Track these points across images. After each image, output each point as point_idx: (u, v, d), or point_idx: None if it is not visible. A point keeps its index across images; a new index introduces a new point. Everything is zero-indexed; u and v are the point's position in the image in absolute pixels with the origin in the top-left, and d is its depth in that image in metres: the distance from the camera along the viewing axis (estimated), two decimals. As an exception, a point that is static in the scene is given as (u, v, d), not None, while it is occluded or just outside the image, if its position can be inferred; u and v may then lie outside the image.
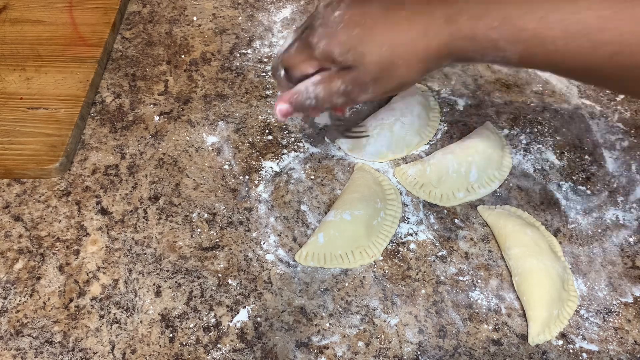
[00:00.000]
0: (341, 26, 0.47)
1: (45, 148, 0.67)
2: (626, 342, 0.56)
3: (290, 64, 0.51)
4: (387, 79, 0.48)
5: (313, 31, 0.49)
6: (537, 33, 0.43)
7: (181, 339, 0.56)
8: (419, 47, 0.47)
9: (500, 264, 0.61)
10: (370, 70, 0.48)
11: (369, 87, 0.49)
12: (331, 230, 0.61)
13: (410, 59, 0.47)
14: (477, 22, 0.45)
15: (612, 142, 0.70)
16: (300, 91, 0.51)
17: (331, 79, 0.49)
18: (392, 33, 0.46)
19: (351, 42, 0.47)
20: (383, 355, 0.55)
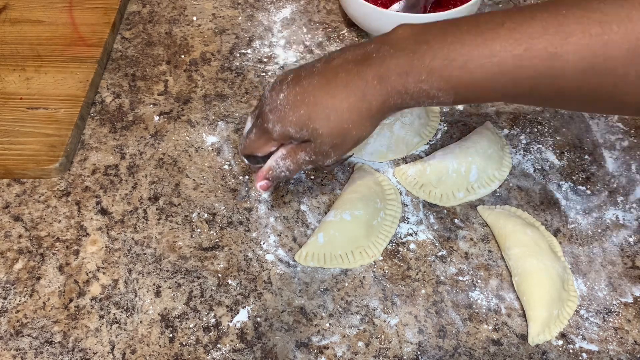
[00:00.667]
0: (288, 108, 0.51)
1: (45, 148, 0.67)
2: (626, 342, 0.56)
3: (253, 149, 0.56)
4: (343, 142, 0.53)
5: (265, 117, 0.53)
6: (462, 80, 0.47)
7: (181, 339, 0.56)
8: (362, 110, 0.50)
9: (500, 264, 0.61)
10: (326, 140, 0.52)
11: (330, 153, 0.53)
12: (331, 230, 0.61)
13: (357, 120, 0.51)
14: (406, 77, 0.48)
15: (612, 142, 0.70)
16: (272, 167, 0.56)
17: (295, 152, 0.54)
18: (335, 104, 0.50)
19: (302, 121, 0.51)
20: (383, 355, 0.55)
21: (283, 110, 0.52)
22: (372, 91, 0.49)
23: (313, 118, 0.51)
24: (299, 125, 0.51)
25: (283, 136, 0.53)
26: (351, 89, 0.50)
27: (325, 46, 0.80)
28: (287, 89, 0.52)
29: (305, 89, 0.51)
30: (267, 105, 0.53)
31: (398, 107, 0.51)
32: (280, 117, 0.52)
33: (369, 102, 0.50)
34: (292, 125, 0.52)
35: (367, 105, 0.50)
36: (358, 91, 0.50)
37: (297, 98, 0.51)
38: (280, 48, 0.80)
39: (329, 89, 0.50)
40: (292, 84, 0.52)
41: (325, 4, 0.86)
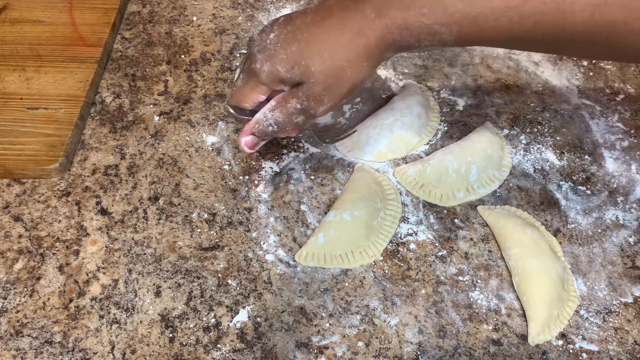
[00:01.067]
0: (278, 46, 0.48)
1: (45, 148, 0.67)
2: (626, 342, 0.56)
3: (240, 96, 0.52)
4: (338, 84, 0.49)
5: (253, 58, 0.49)
6: (467, 13, 0.45)
7: (181, 339, 0.56)
8: (358, 46, 0.47)
9: (500, 264, 0.61)
10: (319, 79, 0.48)
11: (323, 97, 0.50)
12: (331, 230, 0.61)
13: (353, 59, 0.48)
14: (407, 11, 0.45)
15: (612, 142, 0.70)
16: (259, 120, 0.52)
17: (286, 100, 0.50)
18: (329, 39, 0.47)
19: (293, 58, 0.48)
20: (383, 355, 0.55)
21: (272, 48, 0.48)
22: (370, 25, 0.47)
23: (305, 55, 0.47)
24: (289, 63, 0.48)
25: (272, 77, 0.49)
26: (347, 24, 0.47)
27: (325, 46, 0.80)
28: (277, 29, 0.49)
29: (297, 27, 0.48)
30: (256, 47, 0.49)
31: (397, 46, 0.48)
32: (269, 55, 0.48)
33: (367, 37, 0.47)
34: (282, 63, 0.48)
35: (365, 40, 0.47)
36: (355, 26, 0.47)
37: (289, 36, 0.48)
38: (280, 48, 0.80)
39: (323, 25, 0.48)
40: (283, 24, 0.49)
41: (325, 4, 0.86)
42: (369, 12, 0.47)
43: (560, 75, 0.77)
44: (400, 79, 0.77)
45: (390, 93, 0.75)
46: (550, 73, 0.77)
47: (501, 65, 0.78)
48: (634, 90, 0.75)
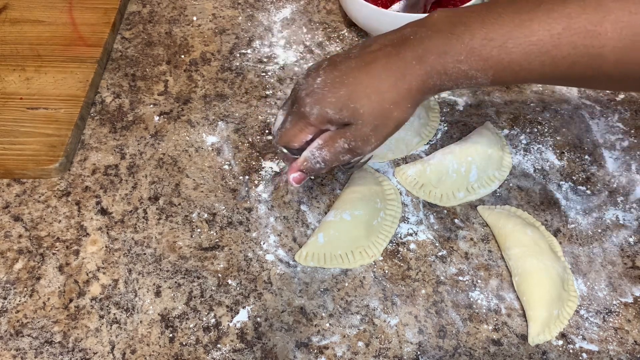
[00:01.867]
0: (326, 90, 0.50)
1: (45, 148, 0.67)
2: (626, 342, 0.56)
3: (290, 137, 0.54)
4: (384, 125, 0.51)
5: (302, 101, 0.51)
6: (501, 59, 0.47)
7: (181, 339, 0.56)
8: (402, 90, 0.50)
9: (500, 264, 0.61)
10: (367, 120, 0.50)
11: (370, 137, 0.51)
12: (331, 230, 0.61)
13: (398, 101, 0.50)
14: (445, 57, 0.48)
15: (612, 142, 0.70)
16: (308, 158, 0.54)
17: (333, 140, 0.52)
18: (375, 83, 0.50)
19: (341, 101, 0.50)
20: (383, 355, 0.55)
21: (321, 92, 0.50)
22: (411, 71, 0.49)
23: (353, 98, 0.50)
24: (338, 106, 0.50)
25: (321, 119, 0.51)
26: (391, 70, 0.50)
27: (325, 46, 0.80)
28: (324, 73, 0.51)
29: (343, 72, 0.50)
30: (303, 90, 0.51)
31: (437, 89, 0.51)
32: (318, 99, 0.50)
33: (409, 82, 0.49)
34: (331, 106, 0.50)
35: (407, 85, 0.50)
36: (398, 72, 0.49)
37: (336, 80, 0.50)
38: (280, 48, 0.80)
39: (369, 71, 0.50)
40: (329, 69, 0.51)
41: (325, 4, 0.86)
42: (410, 59, 0.49)
43: (560, 75, 0.77)
44: (400, 79, 0.77)
45: (390, 93, 0.75)
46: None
47: (501, 65, 0.78)
48: (634, 90, 0.75)
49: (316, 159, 0.53)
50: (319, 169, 0.54)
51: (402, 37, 0.50)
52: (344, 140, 0.52)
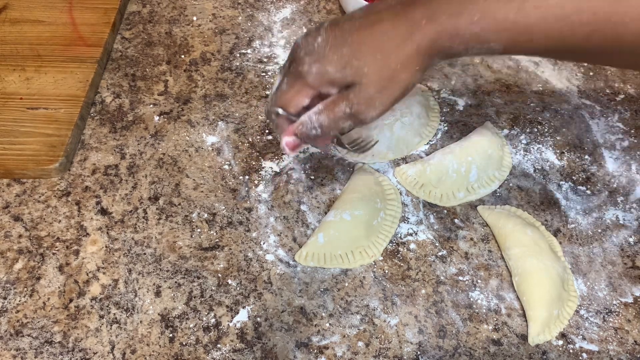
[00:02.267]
0: (328, 49, 0.47)
1: (45, 148, 0.67)
2: (626, 342, 0.56)
3: (285, 100, 0.51)
4: (390, 87, 0.48)
5: (300, 60, 0.49)
6: (517, 22, 0.44)
7: (181, 339, 0.56)
8: (409, 49, 0.47)
9: (500, 264, 0.61)
10: (372, 80, 0.47)
11: (374, 100, 0.48)
12: (331, 230, 0.61)
13: (405, 61, 0.47)
14: (458, 18, 0.45)
15: (612, 142, 0.70)
16: (304, 122, 0.50)
17: (334, 104, 0.49)
18: (381, 42, 0.47)
19: (344, 59, 0.47)
20: (383, 355, 0.55)
21: (322, 51, 0.47)
22: (420, 31, 0.46)
23: (358, 56, 0.47)
24: (340, 64, 0.47)
25: (320, 78, 0.48)
26: (398, 28, 0.47)
27: (325, 46, 0.80)
28: (325, 33, 0.48)
29: (346, 31, 0.47)
30: (302, 49, 0.48)
31: (446, 52, 0.48)
32: (317, 57, 0.47)
33: (418, 42, 0.47)
34: (332, 63, 0.47)
35: (416, 45, 0.47)
36: (405, 31, 0.47)
37: (338, 39, 0.47)
38: (280, 48, 0.80)
39: (374, 29, 0.47)
40: (331, 28, 0.48)
41: (325, 4, 0.86)
42: (420, 18, 0.47)
43: (560, 75, 0.77)
44: (400, 79, 0.77)
45: (390, 93, 0.75)
46: (550, 73, 0.77)
47: (501, 65, 0.78)
48: (634, 90, 0.75)
49: (313, 123, 0.50)
50: (314, 136, 0.51)
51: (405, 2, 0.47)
52: (345, 104, 0.48)
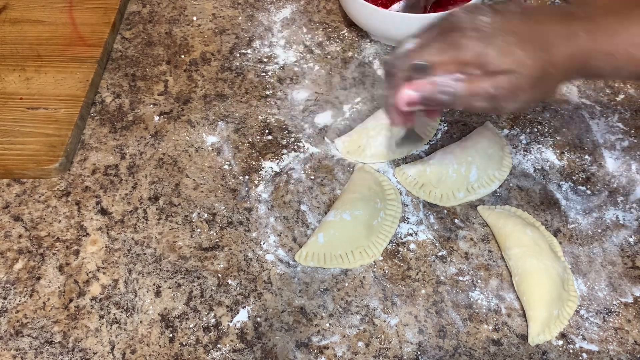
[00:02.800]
0: (494, 31, 0.46)
1: (45, 148, 0.67)
2: (626, 342, 0.56)
3: (430, 57, 0.48)
4: (542, 86, 0.48)
5: (464, 33, 0.47)
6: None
7: (181, 339, 0.56)
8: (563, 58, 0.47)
9: (500, 264, 0.61)
10: (529, 74, 0.47)
11: (520, 94, 0.48)
12: (331, 230, 0.61)
13: (558, 65, 0.48)
14: (616, 38, 0.46)
15: (612, 142, 0.70)
16: (436, 82, 0.48)
17: (479, 80, 0.47)
18: (545, 40, 0.47)
19: (509, 46, 0.46)
20: (383, 355, 0.55)
21: (489, 30, 0.46)
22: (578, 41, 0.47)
23: (523, 47, 0.46)
24: (503, 50, 0.46)
25: (476, 57, 0.46)
26: (559, 33, 0.47)
27: (325, 46, 0.80)
28: (491, 15, 0.47)
29: (511, 20, 0.47)
30: (467, 23, 0.47)
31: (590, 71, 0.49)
32: (483, 36, 0.46)
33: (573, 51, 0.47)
34: (495, 47, 0.46)
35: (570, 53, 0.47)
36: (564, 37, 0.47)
37: (505, 25, 0.47)
38: (280, 48, 0.80)
39: (538, 28, 0.47)
40: (494, 12, 0.47)
41: (325, 4, 0.86)
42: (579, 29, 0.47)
43: (560, 75, 0.77)
44: (400, 79, 0.77)
45: (390, 93, 0.75)
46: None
47: (501, 65, 0.78)
48: (634, 90, 0.75)
49: (447, 87, 0.48)
50: (439, 101, 0.49)
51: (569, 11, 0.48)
52: (490, 84, 0.47)
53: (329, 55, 0.79)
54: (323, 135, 0.71)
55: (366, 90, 0.75)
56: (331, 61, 0.79)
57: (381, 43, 0.81)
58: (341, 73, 0.77)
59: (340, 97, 0.75)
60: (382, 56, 0.79)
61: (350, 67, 0.78)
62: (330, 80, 0.77)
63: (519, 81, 0.47)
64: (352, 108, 0.74)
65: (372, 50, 0.80)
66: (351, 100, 0.74)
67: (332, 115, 0.73)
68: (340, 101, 0.74)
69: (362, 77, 0.77)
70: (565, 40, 0.47)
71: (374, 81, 0.76)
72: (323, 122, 0.72)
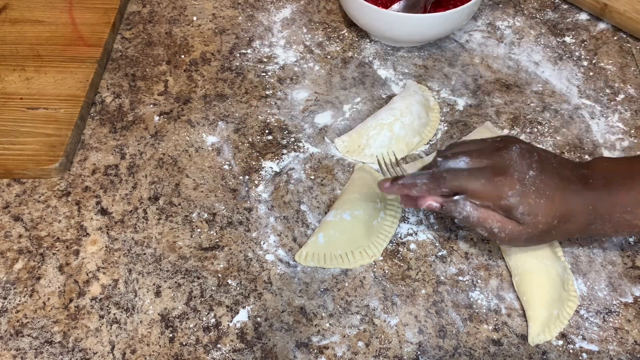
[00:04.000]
0: (533, 190, 0.50)
1: (45, 148, 0.67)
2: (626, 342, 0.56)
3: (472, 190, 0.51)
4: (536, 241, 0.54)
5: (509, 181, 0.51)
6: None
7: (181, 339, 0.56)
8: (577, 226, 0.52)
9: (500, 264, 0.61)
10: (533, 233, 0.52)
11: (515, 242, 0.54)
12: (331, 230, 0.61)
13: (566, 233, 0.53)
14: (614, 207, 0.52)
15: (612, 142, 0.70)
16: (455, 201, 0.52)
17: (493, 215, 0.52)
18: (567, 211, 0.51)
19: (534, 208, 0.50)
20: (383, 355, 0.55)
21: (529, 187, 0.50)
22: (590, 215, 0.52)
23: (544, 212, 0.51)
24: (530, 211, 0.50)
25: (504, 203, 0.51)
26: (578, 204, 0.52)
27: (325, 46, 0.80)
28: (535, 169, 0.51)
29: (547, 181, 0.51)
30: (515, 171, 0.51)
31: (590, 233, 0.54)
32: (523, 192, 0.50)
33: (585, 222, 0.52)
34: (526, 205, 0.50)
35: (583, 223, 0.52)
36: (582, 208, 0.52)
37: (541, 187, 0.51)
38: (280, 48, 0.80)
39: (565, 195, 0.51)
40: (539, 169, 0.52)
41: (325, 4, 0.86)
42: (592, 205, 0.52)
43: (560, 75, 0.77)
44: (400, 78, 0.77)
45: (390, 93, 0.75)
46: (550, 73, 0.77)
47: (501, 65, 0.78)
48: (634, 90, 0.75)
49: (464, 211, 0.52)
50: (451, 216, 0.53)
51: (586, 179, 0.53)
52: (499, 225, 0.52)
53: (329, 55, 0.79)
54: (323, 135, 0.71)
55: (366, 90, 0.75)
56: (331, 61, 0.79)
57: (381, 43, 0.81)
58: (341, 73, 0.77)
59: (340, 97, 0.75)
60: (382, 56, 0.79)
61: (350, 67, 0.78)
62: (330, 80, 0.77)
63: (521, 234, 0.52)
64: (352, 108, 0.74)
65: (372, 50, 0.80)
66: (351, 100, 0.74)
67: (332, 115, 0.73)
68: (340, 101, 0.74)
69: (362, 77, 0.77)
70: (583, 212, 0.52)
71: (374, 81, 0.77)
72: (323, 122, 0.72)
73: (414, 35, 0.76)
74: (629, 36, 0.82)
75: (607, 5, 0.80)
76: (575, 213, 0.51)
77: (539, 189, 0.51)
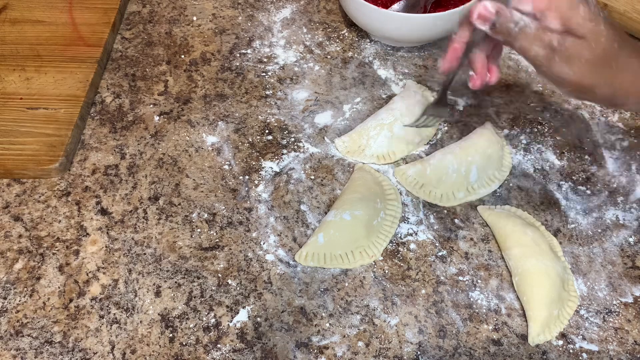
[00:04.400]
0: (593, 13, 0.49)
1: (45, 148, 0.67)
2: (626, 342, 0.56)
3: None
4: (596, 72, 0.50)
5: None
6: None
7: (181, 339, 0.56)
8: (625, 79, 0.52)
9: (500, 264, 0.61)
10: (595, 50, 0.49)
11: (576, 62, 0.50)
12: (331, 231, 0.61)
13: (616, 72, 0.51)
14: None
15: (612, 142, 0.70)
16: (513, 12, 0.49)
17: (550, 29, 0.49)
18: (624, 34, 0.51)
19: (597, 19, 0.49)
20: (383, 355, 0.55)
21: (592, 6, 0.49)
22: None
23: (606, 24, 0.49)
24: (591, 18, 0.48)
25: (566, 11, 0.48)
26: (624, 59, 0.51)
27: (325, 46, 0.80)
28: None
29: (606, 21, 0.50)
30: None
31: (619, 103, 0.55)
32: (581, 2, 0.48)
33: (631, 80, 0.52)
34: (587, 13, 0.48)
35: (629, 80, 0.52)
36: None
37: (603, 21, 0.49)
38: (280, 48, 0.80)
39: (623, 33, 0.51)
40: None
41: (325, 4, 0.86)
42: None
43: (560, 75, 0.77)
44: (400, 78, 0.77)
45: (390, 93, 0.75)
46: (550, 73, 0.77)
47: (501, 65, 0.78)
48: (634, 90, 0.75)
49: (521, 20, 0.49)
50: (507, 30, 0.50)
51: None
52: (558, 38, 0.49)
53: (329, 55, 0.79)
54: (323, 135, 0.71)
55: (366, 90, 0.75)
56: (331, 61, 0.79)
57: (381, 43, 0.81)
58: (341, 73, 0.77)
59: (340, 97, 0.75)
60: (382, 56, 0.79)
61: (350, 67, 0.78)
62: (330, 80, 0.77)
63: (583, 49, 0.49)
64: (352, 108, 0.74)
65: (372, 50, 0.80)
66: (351, 100, 0.74)
67: (332, 115, 0.73)
68: (340, 101, 0.74)
69: (362, 77, 0.77)
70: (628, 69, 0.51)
71: (374, 81, 0.77)
72: (323, 122, 0.72)
73: (414, 35, 0.76)
74: (629, 36, 0.82)
75: (607, 5, 0.80)
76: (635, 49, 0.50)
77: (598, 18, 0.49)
